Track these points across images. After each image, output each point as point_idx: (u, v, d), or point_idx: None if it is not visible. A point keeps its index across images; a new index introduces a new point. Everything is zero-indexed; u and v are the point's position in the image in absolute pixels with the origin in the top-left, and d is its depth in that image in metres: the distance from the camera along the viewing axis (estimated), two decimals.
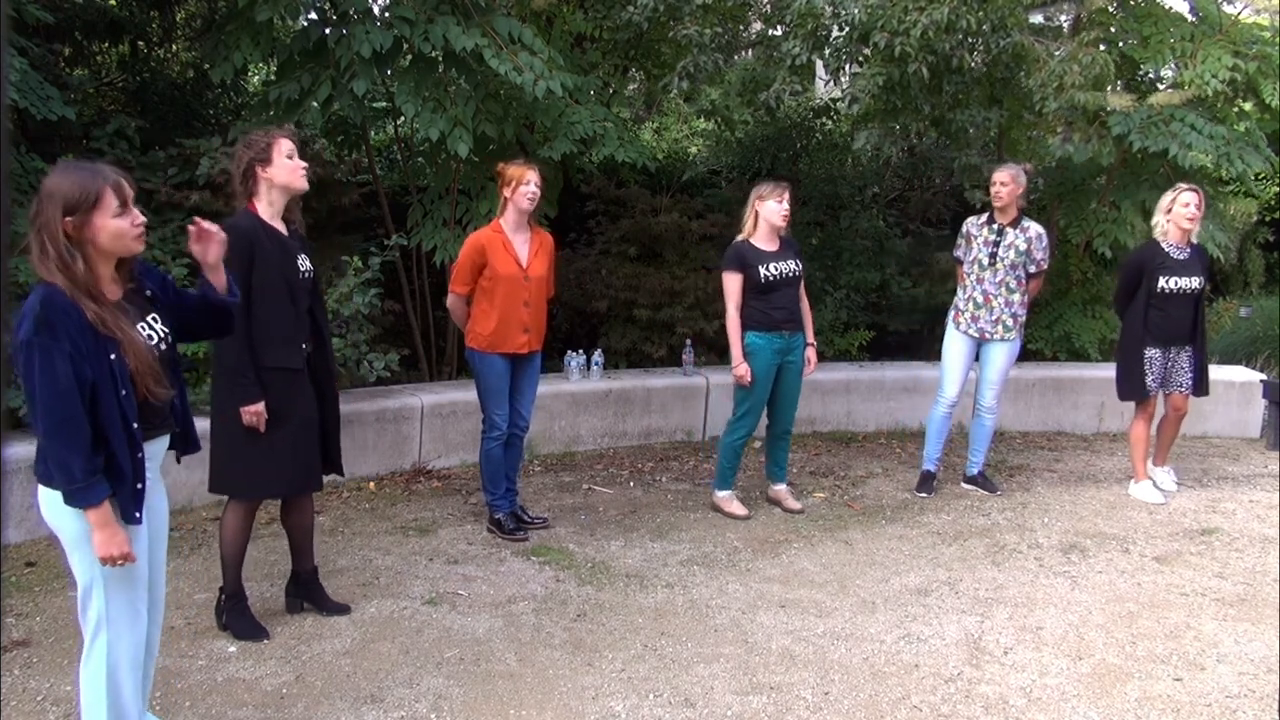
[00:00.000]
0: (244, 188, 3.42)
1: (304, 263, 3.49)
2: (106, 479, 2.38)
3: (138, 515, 2.47)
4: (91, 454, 2.35)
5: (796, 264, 4.87)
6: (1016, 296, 5.24)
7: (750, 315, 4.78)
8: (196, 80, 7.05)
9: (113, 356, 2.36)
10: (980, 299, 5.26)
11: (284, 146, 3.39)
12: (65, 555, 2.51)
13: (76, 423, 2.32)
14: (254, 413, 3.36)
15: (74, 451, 2.32)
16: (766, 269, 4.75)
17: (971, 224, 5.38)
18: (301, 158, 3.47)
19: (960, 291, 5.38)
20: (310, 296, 3.54)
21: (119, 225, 2.38)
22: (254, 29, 5.38)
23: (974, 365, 5.41)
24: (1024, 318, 5.34)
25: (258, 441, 3.40)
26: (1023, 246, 5.18)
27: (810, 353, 5.01)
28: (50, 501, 2.43)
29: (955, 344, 5.37)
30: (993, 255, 5.21)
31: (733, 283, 4.77)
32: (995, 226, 5.24)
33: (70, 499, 2.36)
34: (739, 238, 4.86)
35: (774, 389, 4.92)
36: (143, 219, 2.45)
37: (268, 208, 3.43)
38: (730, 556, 4.47)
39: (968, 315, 5.31)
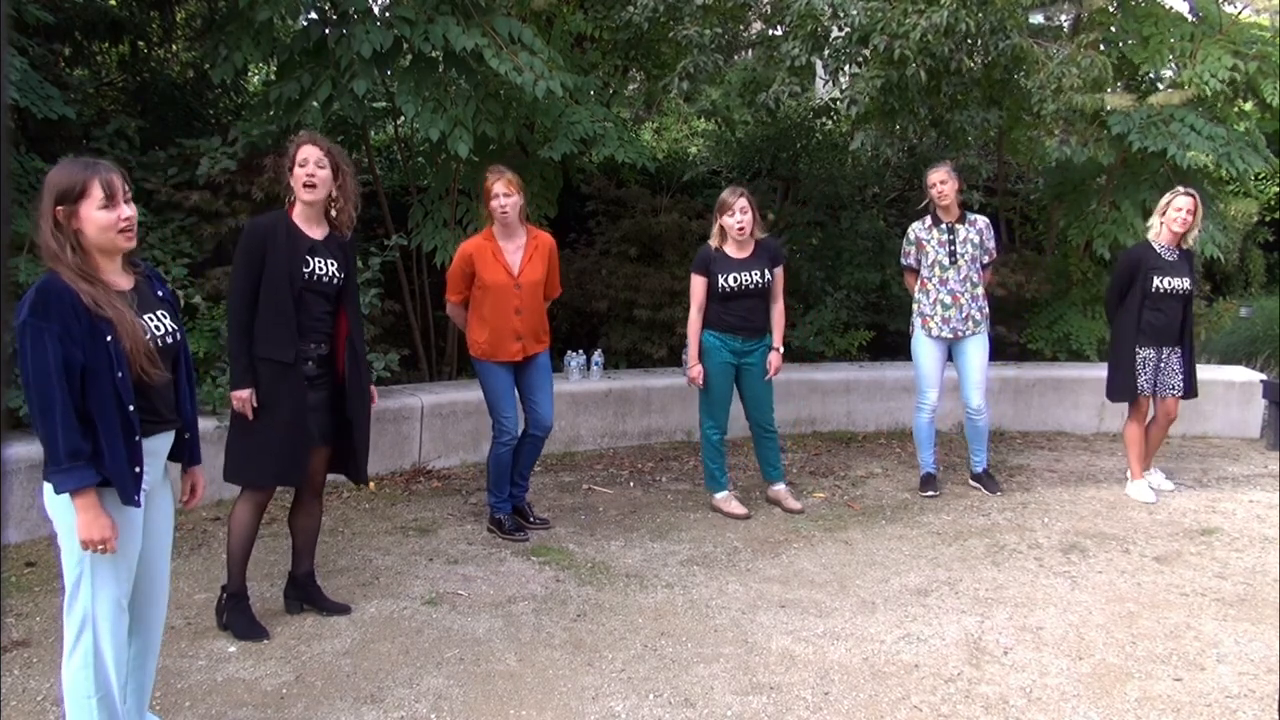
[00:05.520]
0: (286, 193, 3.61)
1: (328, 266, 3.55)
2: (96, 466, 2.40)
3: (137, 499, 2.48)
4: (78, 437, 2.37)
5: (764, 274, 4.83)
6: (980, 290, 5.33)
7: (708, 316, 4.88)
8: (196, 80, 7.05)
9: (109, 338, 2.40)
10: (948, 300, 5.28)
11: (298, 156, 3.50)
12: (59, 553, 2.51)
13: (61, 404, 2.35)
14: (240, 399, 3.46)
15: (57, 432, 2.35)
16: (726, 279, 4.80)
17: (918, 230, 5.38)
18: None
19: (924, 297, 5.36)
20: (336, 300, 3.60)
21: (105, 217, 2.42)
22: (254, 29, 5.38)
23: (948, 365, 5.44)
24: (988, 310, 5.40)
25: (249, 430, 3.49)
26: (976, 239, 5.28)
27: (773, 356, 4.95)
28: (49, 492, 2.45)
29: (927, 348, 5.36)
30: (952, 254, 5.26)
31: (697, 285, 4.88)
32: (944, 226, 5.29)
33: (56, 481, 2.38)
34: (710, 243, 4.91)
35: (740, 392, 4.97)
36: (131, 214, 2.48)
37: (301, 210, 3.54)
38: (730, 556, 4.47)
39: (938, 319, 5.31)
